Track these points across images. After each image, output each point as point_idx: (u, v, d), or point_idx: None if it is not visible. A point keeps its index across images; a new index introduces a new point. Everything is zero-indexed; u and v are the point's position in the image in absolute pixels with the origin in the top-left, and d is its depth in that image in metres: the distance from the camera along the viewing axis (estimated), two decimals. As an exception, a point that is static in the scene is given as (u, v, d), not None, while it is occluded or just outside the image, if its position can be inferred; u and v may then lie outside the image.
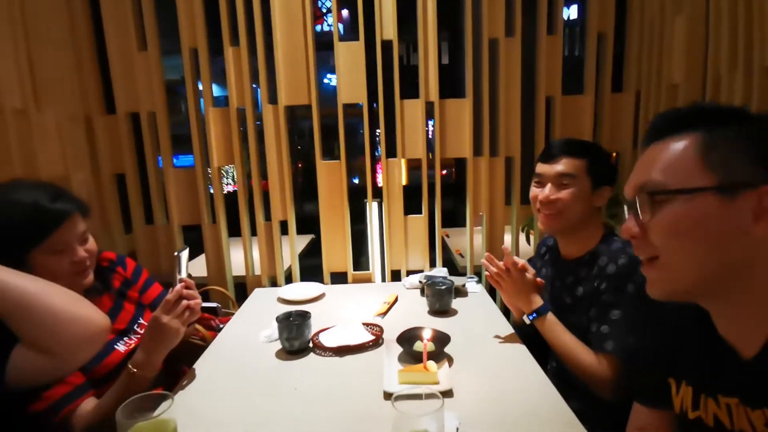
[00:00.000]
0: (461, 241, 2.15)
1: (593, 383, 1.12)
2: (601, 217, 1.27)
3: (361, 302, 1.68)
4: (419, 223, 2.07)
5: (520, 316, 1.29)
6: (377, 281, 2.10)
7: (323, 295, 1.78)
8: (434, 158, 2.01)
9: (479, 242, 2.13)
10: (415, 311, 1.59)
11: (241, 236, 2.04)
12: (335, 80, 1.95)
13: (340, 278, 2.09)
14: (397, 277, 2.07)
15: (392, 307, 1.63)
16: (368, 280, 2.11)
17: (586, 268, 1.22)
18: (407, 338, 1.23)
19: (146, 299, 1.27)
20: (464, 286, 1.75)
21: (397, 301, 1.69)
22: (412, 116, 1.98)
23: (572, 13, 8.78)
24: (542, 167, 1.25)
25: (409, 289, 1.83)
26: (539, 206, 1.25)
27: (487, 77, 1.96)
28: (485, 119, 2.00)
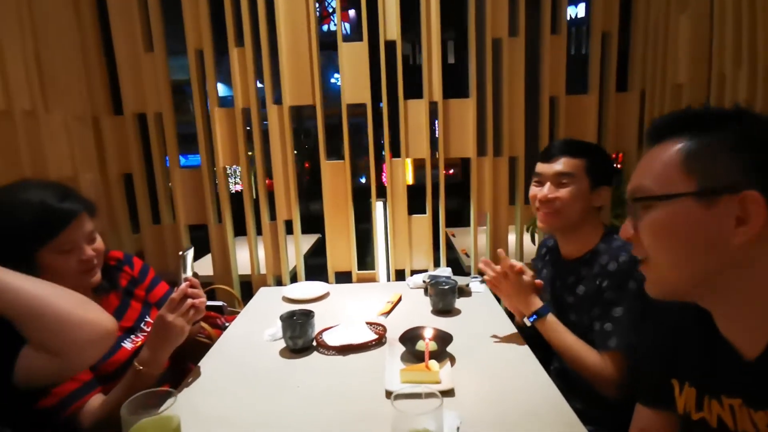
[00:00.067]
0: (467, 240, 2.15)
1: (598, 383, 1.12)
2: (601, 217, 1.28)
3: (364, 301, 1.68)
4: (423, 222, 2.08)
5: (521, 318, 1.30)
6: (381, 281, 2.11)
7: (328, 294, 1.79)
8: (439, 158, 2.02)
9: (484, 242, 2.14)
10: (418, 311, 1.59)
11: (246, 236, 2.06)
12: (342, 80, 1.96)
13: (344, 278, 2.11)
14: (401, 276, 2.08)
15: (396, 306, 1.64)
16: (372, 279, 2.12)
17: (586, 267, 1.22)
18: (410, 337, 1.23)
19: (153, 298, 1.29)
20: (468, 285, 1.75)
21: (400, 300, 1.69)
22: (415, 116, 1.99)
23: (580, 11, 8.70)
24: (541, 166, 1.26)
25: (412, 288, 1.83)
26: (538, 205, 1.25)
27: (490, 77, 1.96)
28: (489, 119, 2.00)
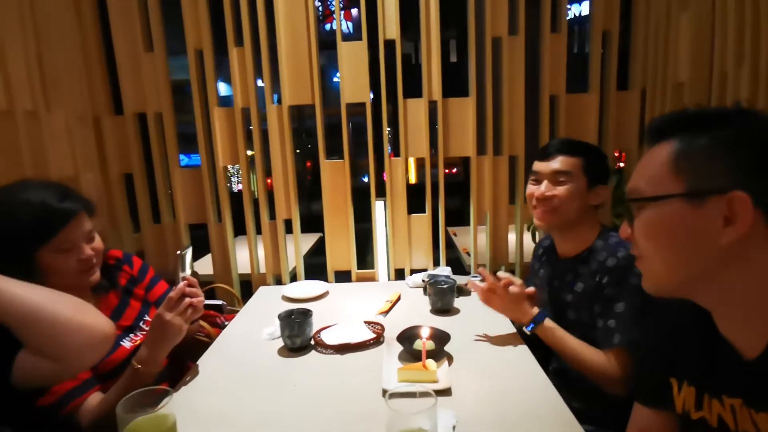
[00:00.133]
0: (468, 239, 2.15)
1: (605, 382, 1.11)
2: (598, 216, 1.28)
3: (364, 301, 1.68)
4: (423, 222, 2.08)
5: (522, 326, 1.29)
6: (381, 280, 2.11)
7: (327, 293, 1.79)
8: (439, 157, 2.01)
9: (484, 241, 2.13)
10: (417, 310, 1.59)
11: (246, 235, 2.07)
12: (343, 79, 1.96)
13: (344, 277, 2.11)
14: (401, 275, 2.08)
15: (395, 305, 1.64)
16: (372, 278, 2.12)
17: (584, 264, 1.22)
18: (407, 337, 1.23)
19: (152, 296, 1.29)
20: (467, 285, 1.74)
21: (399, 299, 1.69)
22: (415, 115, 1.98)
23: (584, 9, 8.66)
24: (539, 165, 1.26)
25: (412, 288, 1.83)
26: (535, 203, 1.26)
27: (490, 76, 1.96)
28: (489, 118, 1.99)
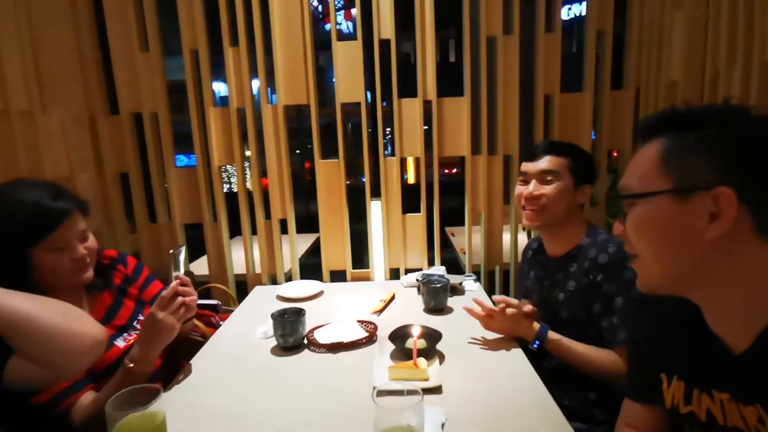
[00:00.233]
0: (464, 239, 2.16)
1: (617, 380, 1.09)
2: (584, 215, 1.30)
3: (358, 300, 1.69)
4: (417, 221, 2.08)
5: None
6: (376, 279, 2.12)
7: (322, 292, 1.80)
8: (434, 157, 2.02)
9: (479, 241, 2.14)
10: (411, 309, 1.60)
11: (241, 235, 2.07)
12: (340, 79, 1.96)
13: (340, 276, 2.11)
14: (396, 275, 2.08)
15: (389, 304, 1.64)
16: (367, 278, 2.12)
17: (575, 262, 1.24)
18: (399, 335, 1.24)
19: (146, 296, 1.30)
20: (461, 284, 1.75)
21: (393, 299, 1.70)
22: (410, 115, 1.99)
23: (584, 9, 8.67)
24: (527, 166, 1.28)
25: (406, 287, 1.84)
26: (524, 203, 1.27)
27: (485, 75, 1.96)
28: (483, 117, 2.00)
